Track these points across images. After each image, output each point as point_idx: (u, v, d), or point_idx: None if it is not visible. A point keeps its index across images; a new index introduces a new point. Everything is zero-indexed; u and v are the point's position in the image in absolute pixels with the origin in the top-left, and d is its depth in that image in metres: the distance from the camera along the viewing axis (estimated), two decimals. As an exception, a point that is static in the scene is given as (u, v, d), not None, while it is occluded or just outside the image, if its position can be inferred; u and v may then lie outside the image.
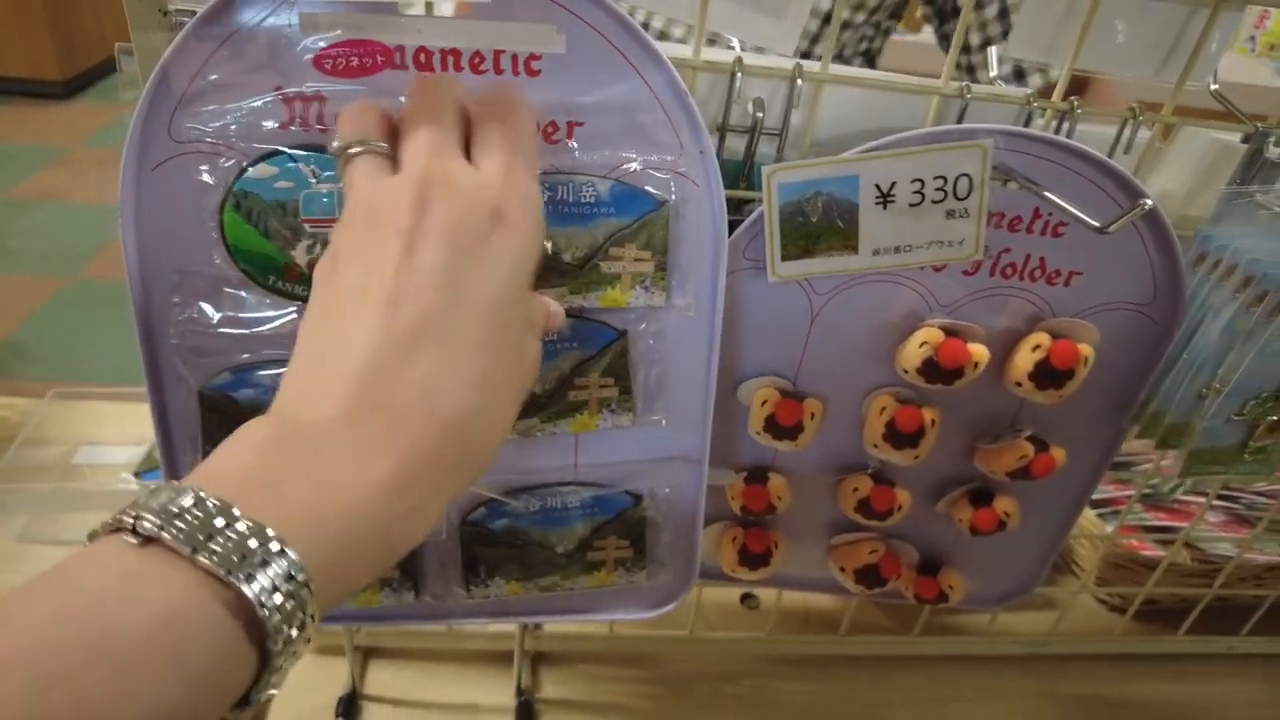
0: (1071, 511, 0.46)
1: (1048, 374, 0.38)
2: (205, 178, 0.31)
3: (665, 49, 0.31)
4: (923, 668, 0.56)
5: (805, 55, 0.88)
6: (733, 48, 0.37)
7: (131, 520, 0.18)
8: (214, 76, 0.29)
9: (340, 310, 0.23)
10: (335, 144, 0.27)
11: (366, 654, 0.52)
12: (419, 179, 0.24)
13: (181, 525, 0.18)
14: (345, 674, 0.50)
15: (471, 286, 0.23)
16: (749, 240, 0.36)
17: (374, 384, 0.22)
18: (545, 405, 0.35)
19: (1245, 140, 0.37)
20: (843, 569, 0.46)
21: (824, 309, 0.38)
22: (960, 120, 0.36)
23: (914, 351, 0.37)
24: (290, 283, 0.33)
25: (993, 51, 0.42)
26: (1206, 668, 0.59)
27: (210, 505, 0.18)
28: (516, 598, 0.40)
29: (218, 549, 0.18)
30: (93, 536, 0.19)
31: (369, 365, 0.22)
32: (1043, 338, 0.38)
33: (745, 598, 0.59)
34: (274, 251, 0.33)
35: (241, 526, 0.18)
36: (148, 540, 0.18)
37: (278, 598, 0.18)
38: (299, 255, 0.33)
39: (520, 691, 0.50)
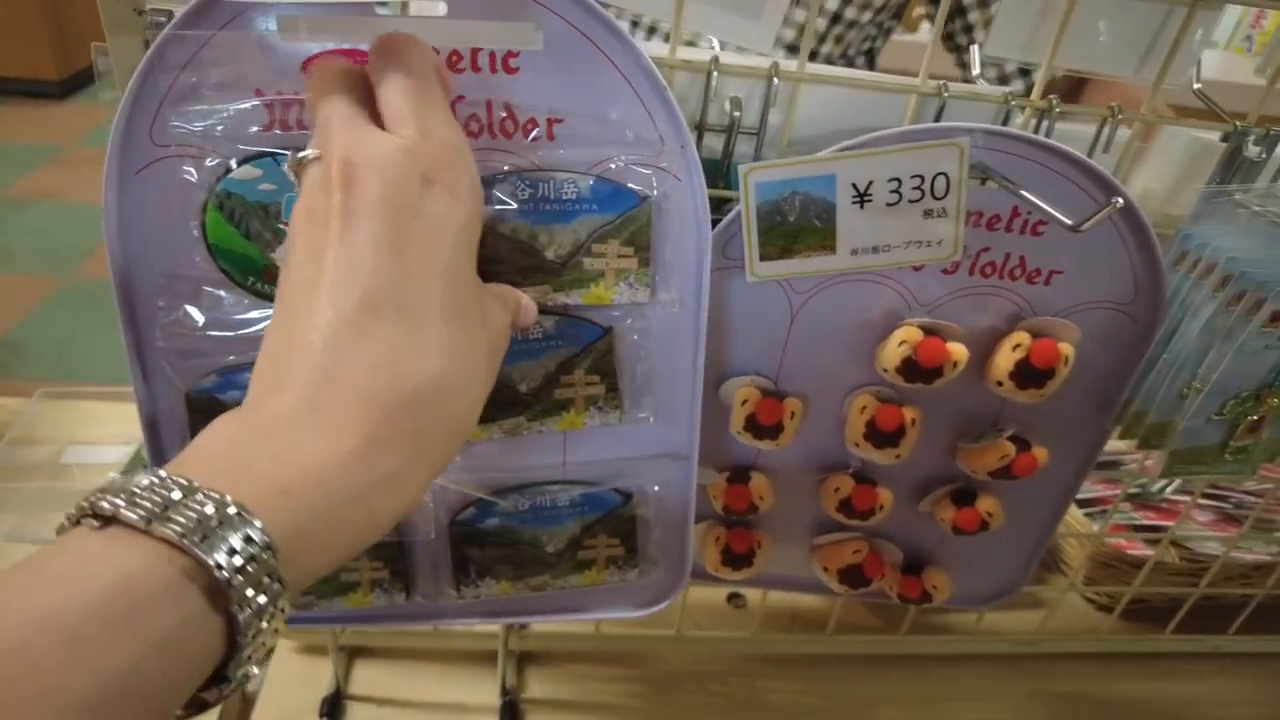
0: (1056, 511, 0.46)
1: (1028, 373, 0.38)
2: (189, 177, 0.31)
3: (643, 46, 0.31)
4: (910, 667, 0.56)
5: (813, 54, 0.88)
6: (713, 47, 0.37)
7: (89, 504, 0.18)
8: (198, 77, 0.29)
9: (293, 306, 0.23)
10: (291, 158, 0.26)
11: (351, 653, 0.52)
12: (337, 159, 0.24)
13: (141, 502, 0.18)
14: (330, 673, 0.50)
15: (415, 252, 0.23)
16: (728, 238, 0.36)
17: (335, 364, 0.22)
18: (532, 404, 0.35)
19: (1224, 139, 0.37)
20: (826, 569, 0.46)
21: (804, 308, 0.38)
22: (938, 119, 0.36)
23: (893, 351, 0.37)
24: (269, 285, 0.33)
25: (975, 50, 0.42)
26: (1194, 666, 0.59)
27: (169, 482, 0.19)
28: (507, 597, 0.40)
29: (175, 519, 0.18)
30: (60, 530, 0.19)
31: (326, 348, 0.22)
32: (1023, 337, 0.38)
33: (732, 597, 0.59)
34: (255, 253, 0.33)
35: (200, 498, 0.18)
36: (108, 521, 0.18)
37: (237, 560, 0.18)
38: (279, 258, 0.33)
39: (505, 691, 0.50)
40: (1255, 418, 0.39)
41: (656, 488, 0.38)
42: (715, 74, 0.33)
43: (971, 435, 0.42)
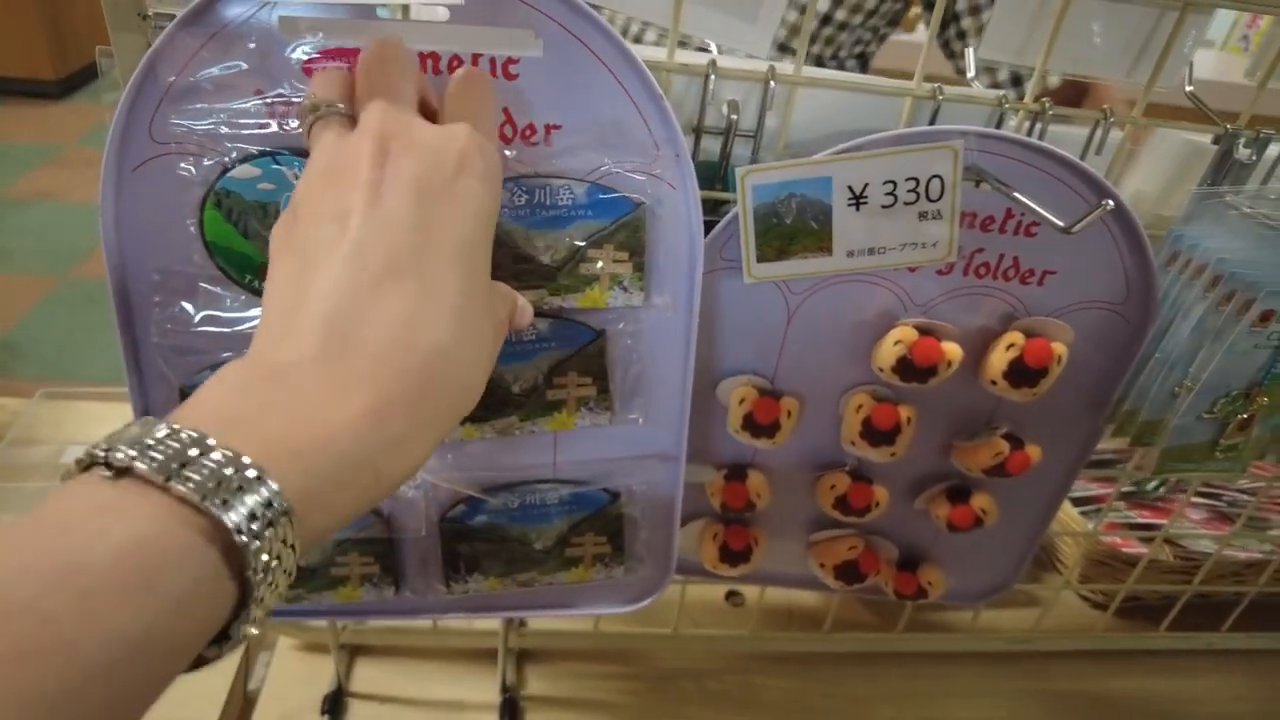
0: (1049, 508, 0.47)
1: (1022, 372, 0.38)
2: (187, 175, 0.31)
3: (640, 52, 0.31)
4: (906, 664, 0.57)
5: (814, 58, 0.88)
6: (708, 50, 0.37)
7: (104, 454, 0.18)
8: (199, 76, 0.30)
9: (306, 262, 0.23)
10: (301, 105, 0.27)
11: (352, 652, 0.52)
12: (377, 133, 0.24)
13: (155, 455, 0.18)
14: (331, 671, 0.50)
15: (440, 228, 0.24)
16: (725, 240, 0.36)
17: (349, 323, 0.22)
18: (523, 404, 0.35)
19: (1215, 142, 0.38)
20: (822, 565, 0.46)
21: (800, 309, 0.39)
22: (933, 121, 0.36)
23: (889, 350, 0.38)
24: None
25: (970, 53, 0.42)
26: (1188, 663, 0.60)
27: (185, 436, 0.18)
28: (496, 593, 0.40)
29: (193, 477, 0.17)
30: (66, 475, 0.18)
31: (342, 307, 0.22)
32: (1017, 336, 0.38)
33: (730, 595, 0.59)
34: (252, 251, 0.33)
35: (217, 455, 0.18)
36: (121, 472, 0.18)
37: (255, 525, 0.18)
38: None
39: (505, 688, 0.50)
40: (1245, 416, 0.39)
41: (644, 487, 0.38)
42: (713, 77, 0.34)
43: (966, 433, 0.42)
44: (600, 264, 0.34)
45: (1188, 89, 0.40)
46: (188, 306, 0.33)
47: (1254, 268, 0.36)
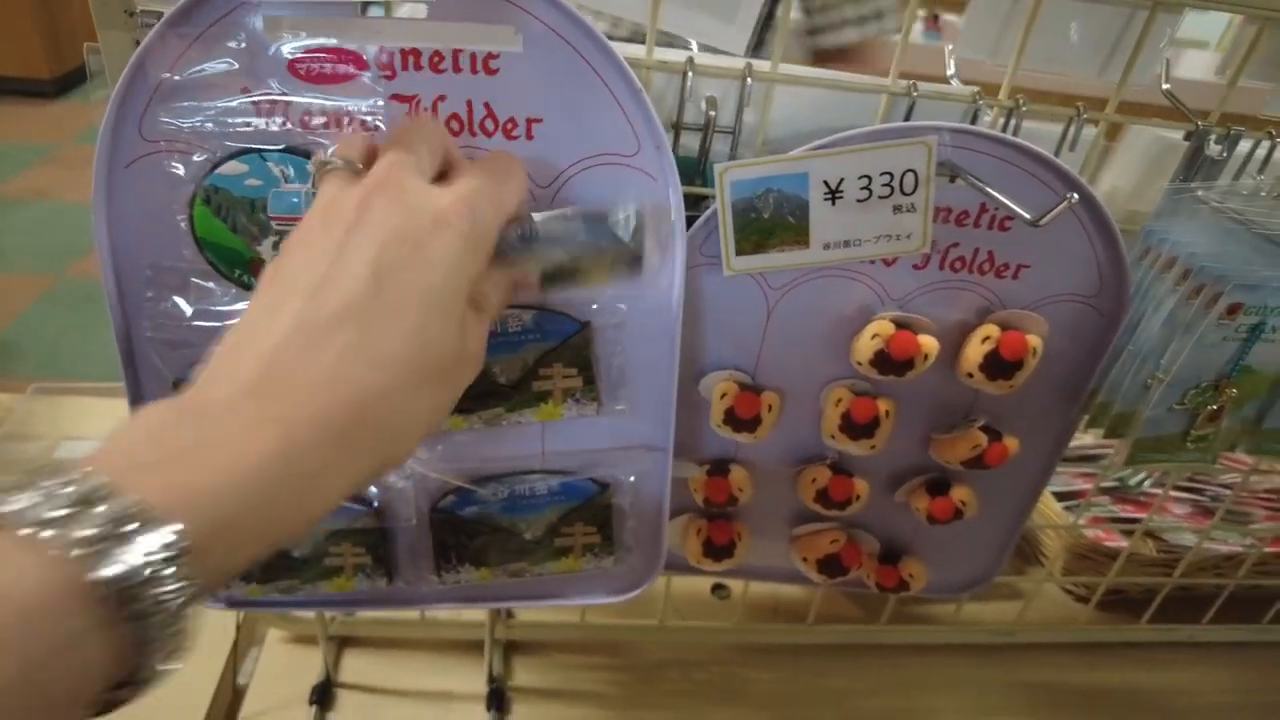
0: (1027, 500, 0.47)
1: (997, 365, 0.39)
2: (177, 171, 0.32)
3: (620, 48, 0.32)
4: (890, 656, 0.57)
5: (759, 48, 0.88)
6: (689, 48, 0.38)
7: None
8: (187, 74, 0.30)
9: (271, 299, 0.24)
10: (316, 159, 0.28)
11: (341, 643, 0.53)
12: (370, 184, 0.26)
13: (39, 507, 0.18)
14: (319, 663, 0.51)
15: (399, 279, 0.24)
16: (705, 237, 0.37)
17: (281, 362, 0.23)
18: (510, 395, 0.36)
19: (1187, 138, 0.38)
20: (805, 559, 0.47)
21: (779, 304, 0.39)
22: (908, 118, 0.37)
23: (866, 344, 0.38)
24: (255, 277, 0.34)
25: (949, 50, 0.43)
26: (1170, 655, 0.61)
27: (77, 481, 0.18)
28: (487, 583, 0.41)
29: (76, 526, 0.18)
30: None
31: (280, 346, 0.23)
32: (992, 329, 0.39)
33: (716, 587, 0.60)
34: (241, 246, 0.33)
35: (109, 503, 0.18)
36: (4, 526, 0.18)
37: (138, 571, 0.18)
38: (265, 251, 0.34)
39: (492, 679, 0.51)
40: (1214, 407, 0.40)
41: (632, 478, 0.39)
42: (691, 74, 0.34)
43: (944, 426, 0.43)
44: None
45: (1164, 86, 0.41)
46: (180, 301, 0.34)
47: (1223, 261, 0.37)
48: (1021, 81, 0.37)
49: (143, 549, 0.18)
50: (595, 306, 0.36)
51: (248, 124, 0.32)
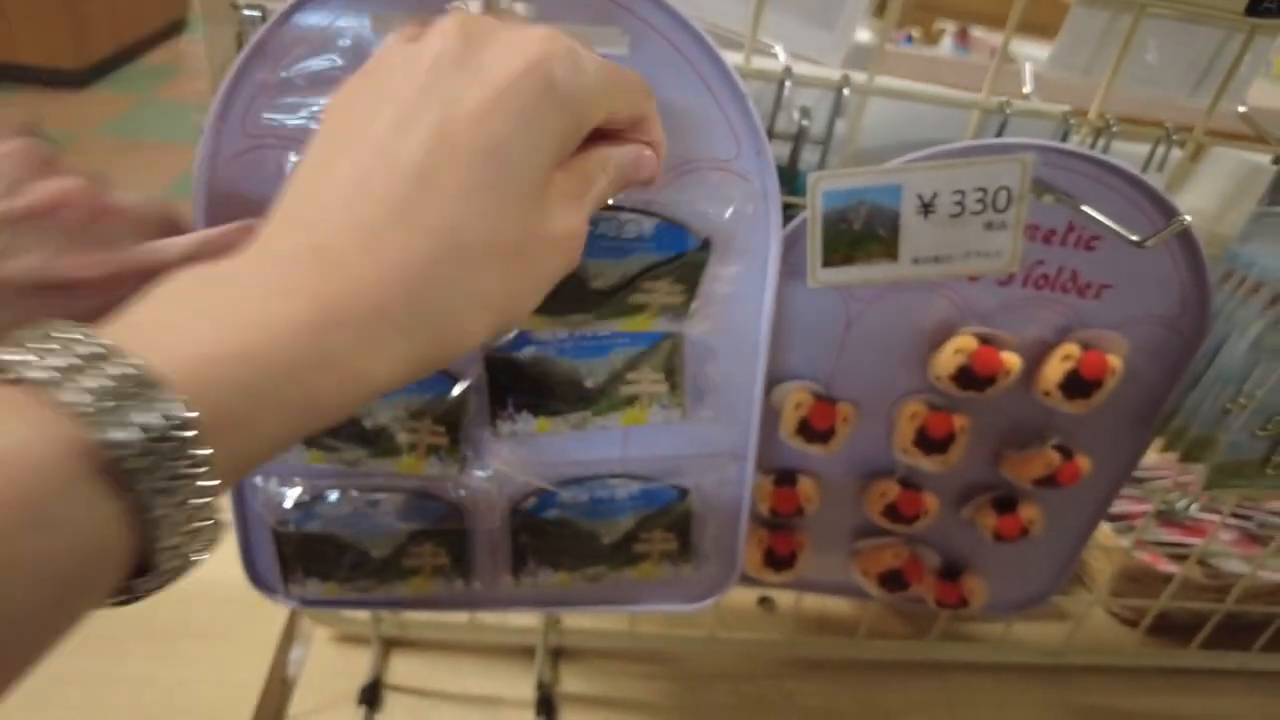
0: (1091, 520, 0.47)
1: (1077, 384, 0.38)
2: (277, 168, 0.32)
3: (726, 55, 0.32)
4: (937, 674, 0.57)
5: None
6: (776, 55, 0.38)
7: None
8: (293, 71, 0.30)
9: (330, 149, 0.22)
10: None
11: (390, 644, 0.52)
12: (462, 30, 0.23)
13: (46, 361, 0.16)
14: (367, 663, 0.50)
15: (462, 137, 0.21)
16: (788, 246, 0.37)
17: (316, 224, 0.20)
18: (597, 399, 0.36)
19: (1276, 161, 0.38)
20: (866, 573, 0.47)
21: (860, 316, 0.39)
22: (1000, 134, 0.37)
23: (949, 359, 0.38)
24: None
25: (1027, 67, 0.43)
26: (1219, 683, 0.60)
27: (83, 340, 0.17)
28: (563, 587, 0.40)
29: (81, 384, 0.16)
30: None
31: (323, 212, 0.20)
32: (1072, 349, 0.39)
33: (762, 600, 0.59)
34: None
35: (115, 363, 0.16)
36: (11, 380, 0.16)
37: (141, 438, 0.16)
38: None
39: (541, 685, 0.51)
40: (1300, 434, 0.40)
41: (713, 485, 0.38)
42: (788, 82, 0.34)
43: (1017, 444, 0.43)
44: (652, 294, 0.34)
45: (1241, 110, 0.41)
46: None
47: (1313, 287, 0.37)
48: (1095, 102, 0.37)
49: (150, 416, 0.16)
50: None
51: None
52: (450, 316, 0.21)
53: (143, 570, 0.17)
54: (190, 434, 0.17)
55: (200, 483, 0.17)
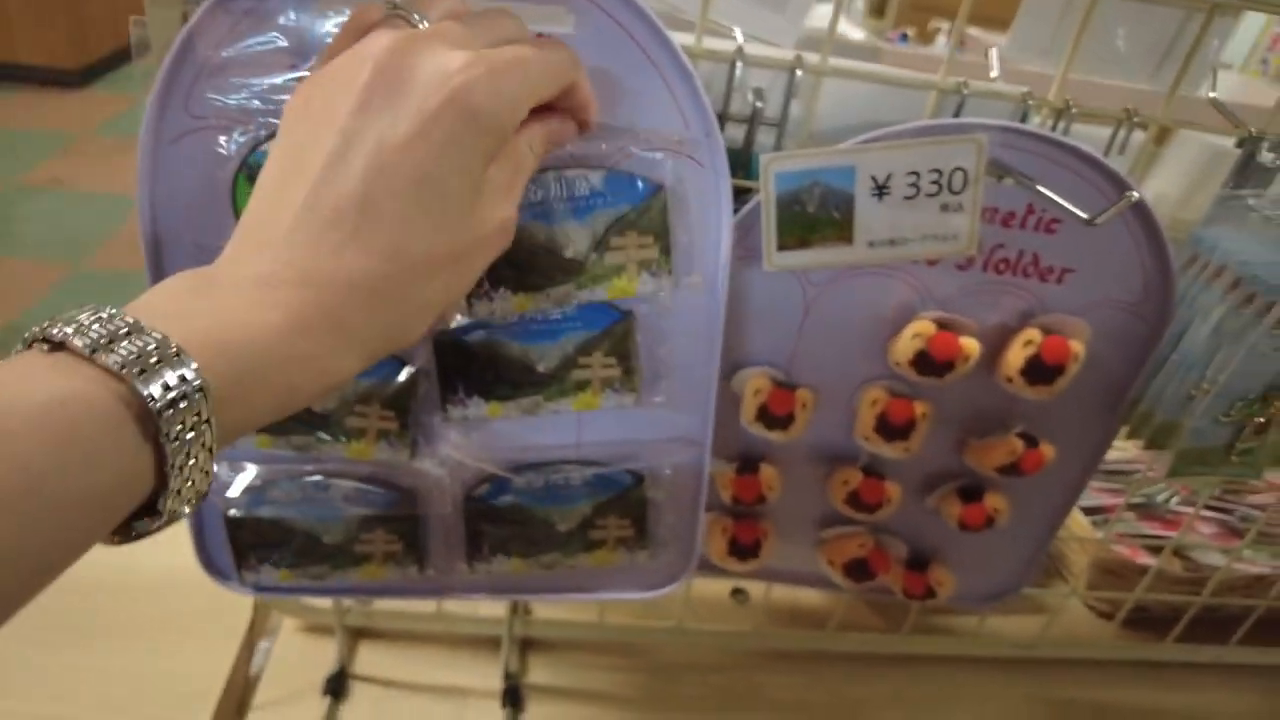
0: (1060, 510, 0.46)
1: (1039, 370, 0.38)
2: (222, 149, 0.31)
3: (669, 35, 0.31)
4: (909, 667, 0.56)
5: None
6: (734, 38, 0.37)
7: (41, 331, 0.20)
8: (234, 50, 0.30)
9: (283, 173, 0.25)
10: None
11: (356, 634, 0.52)
12: (390, 52, 0.24)
13: (87, 332, 0.20)
14: (333, 654, 0.50)
15: (399, 169, 0.24)
16: (745, 229, 0.36)
17: (284, 255, 0.24)
18: (548, 383, 0.35)
19: (1239, 145, 0.38)
20: (831, 562, 0.46)
21: (817, 300, 0.39)
22: (957, 115, 0.36)
23: (906, 344, 0.38)
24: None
25: (993, 52, 0.42)
26: (1195, 676, 0.59)
27: (119, 320, 0.20)
28: (518, 574, 0.40)
29: (117, 351, 0.19)
30: (13, 354, 0.20)
31: (285, 237, 0.24)
32: (1034, 334, 0.38)
33: (735, 592, 0.59)
34: (280, 224, 0.33)
35: (144, 338, 0.20)
36: (57, 347, 0.20)
37: (170, 395, 0.19)
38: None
39: (508, 675, 0.50)
40: (1262, 420, 0.39)
41: (669, 471, 0.38)
42: (739, 64, 0.34)
43: (980, 431, 0.42)
44: (625, 251, 0.34)
45: (1211, 95, 0.40)
46: None
47: (1276, 271, 0.36)
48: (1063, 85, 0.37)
49: (175, 377, 0.20)
50: (638, 297, 0.35)
51: None
52: (400, 320, 0.25)
53: (142, 514, 0.21)
54: (202, 396, 0.20)
55: (205, 440, 0.21)
